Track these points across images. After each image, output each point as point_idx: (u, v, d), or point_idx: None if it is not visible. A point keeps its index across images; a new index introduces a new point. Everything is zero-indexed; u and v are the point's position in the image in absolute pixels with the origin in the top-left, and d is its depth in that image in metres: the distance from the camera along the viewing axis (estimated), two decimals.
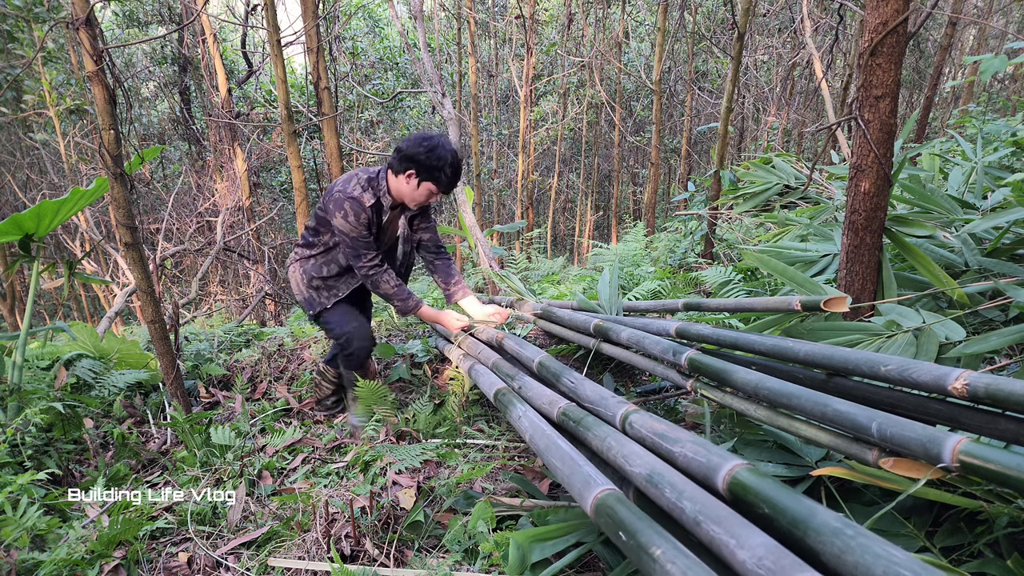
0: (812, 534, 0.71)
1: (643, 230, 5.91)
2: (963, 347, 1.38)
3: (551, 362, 1.64)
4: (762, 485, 0.83)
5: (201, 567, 1.46)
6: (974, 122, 4.52)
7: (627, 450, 1.06)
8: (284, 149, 6.44)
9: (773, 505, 0.78)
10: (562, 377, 1.53)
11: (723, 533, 0.75)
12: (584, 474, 1.00)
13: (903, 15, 1.56)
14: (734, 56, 3.88)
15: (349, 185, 2.08)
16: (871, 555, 0.64)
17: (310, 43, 3.31)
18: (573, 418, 1.30)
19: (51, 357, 2.73)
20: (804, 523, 0.73)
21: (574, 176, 14.17)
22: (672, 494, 0.88)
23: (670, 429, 1.07)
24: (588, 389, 1.40)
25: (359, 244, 2.10)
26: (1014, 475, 0.75)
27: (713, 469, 0.90)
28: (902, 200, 2.35)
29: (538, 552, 1.24)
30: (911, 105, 11.14)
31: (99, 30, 2.03)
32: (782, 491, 0.79)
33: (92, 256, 7.75)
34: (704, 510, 0.81)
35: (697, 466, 0.94)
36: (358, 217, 2.05)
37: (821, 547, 0.69)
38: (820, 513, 0.73)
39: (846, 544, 0.67)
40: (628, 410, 1.22)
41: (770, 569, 0.66)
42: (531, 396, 1.51)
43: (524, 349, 1.85)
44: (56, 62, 7.60)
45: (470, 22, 8.15)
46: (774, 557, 0.68)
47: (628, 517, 0.85)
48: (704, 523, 0.79)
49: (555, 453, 1.12)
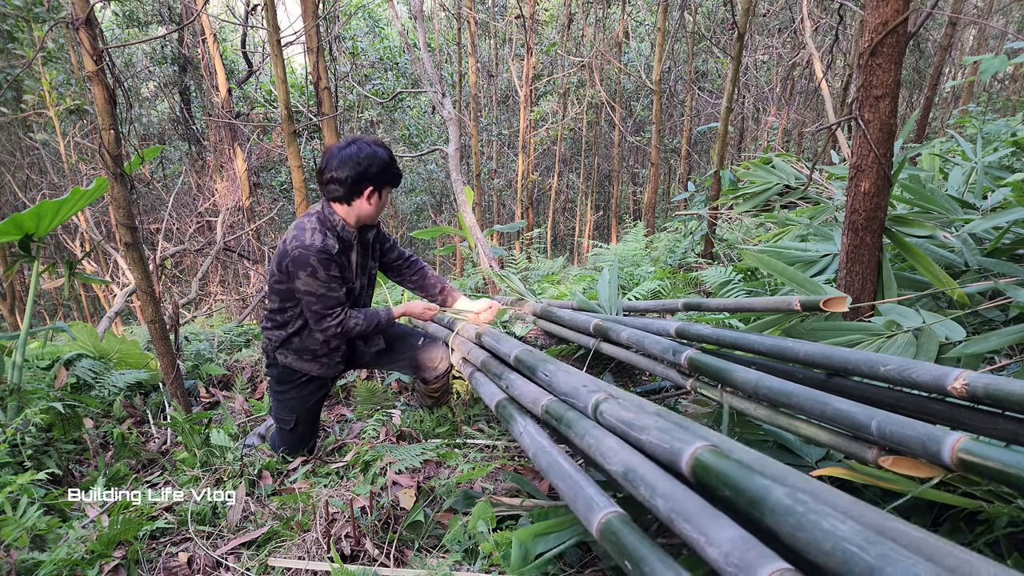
0: (769, 514, 0.72)
1: (643, 230, 5.91)
2: (963, 347, 1.38)
3: (526, 355, 1.60)
4: (721, 466, 0.83)
5: (201, 567, 1.46)
6: (974, 122, 4.52)
7: (604, 447, 1.05)
8: (284, 149, 6.44)
9: (732, 486, 0.79)
10: (537, 371, 1.50)
11: (693, 531, 0.75)
12: (587, 497, 0.98)
13: (903, 15, 1.56)
14: (734, 56, 3.88)
15: (305, 237, 1.82)
16: (820, 531, 0.65)
17: (310, 43, 3.31)
18: (555, 415, 1.28)
19: (51, 357, 2.73)
20: (761, 503, 0.74)
21: (574, 176, 14.17)
22: (646, 491, 0.88)
23: (636, 416, 1.06)
24: (561, 381, 1.37)
25: (328, 302, 1.86)
26: (1013, 472, 0.75)
27: (677, 455, 0.91)
28: (902, 200, 2.35)
29: (541, 545, 1.24)
30: (911, 105, 11.14)
31: (99, 30, 2.04)
32: (739, 471, 0.80)
33: (92, 256, 7.75)
34: (676, 507, 0.81)
35: (663, 452, 0.94)
36: (328, 269, 1.83)
37: (778, 527, 0.70)
38: (774, 492, 0.74)
39: (798, 521, 0.68)
40: (599, 399, 1.20)
41: (737, 565, 0.67)
42: (518, 395, 1.49)
43: (501, 344, 1.79)
44: (56, 62, 7.60)
45: (470, 22, 8.15)
46: (741, 551, 0.68)
47: (632, 544, 0.83)
48: (677, 521, 0.79)
49: (557, 473, 1.10)
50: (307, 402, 2.07)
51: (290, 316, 1.98)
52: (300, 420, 2.06)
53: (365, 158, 1.81)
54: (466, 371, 1.99)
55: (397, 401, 2.56)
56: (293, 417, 2.05)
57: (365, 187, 1.84)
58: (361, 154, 1.82)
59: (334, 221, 1.89)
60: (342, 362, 2.10)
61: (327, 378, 2.10)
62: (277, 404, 2.09)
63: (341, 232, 1.89)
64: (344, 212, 1.89)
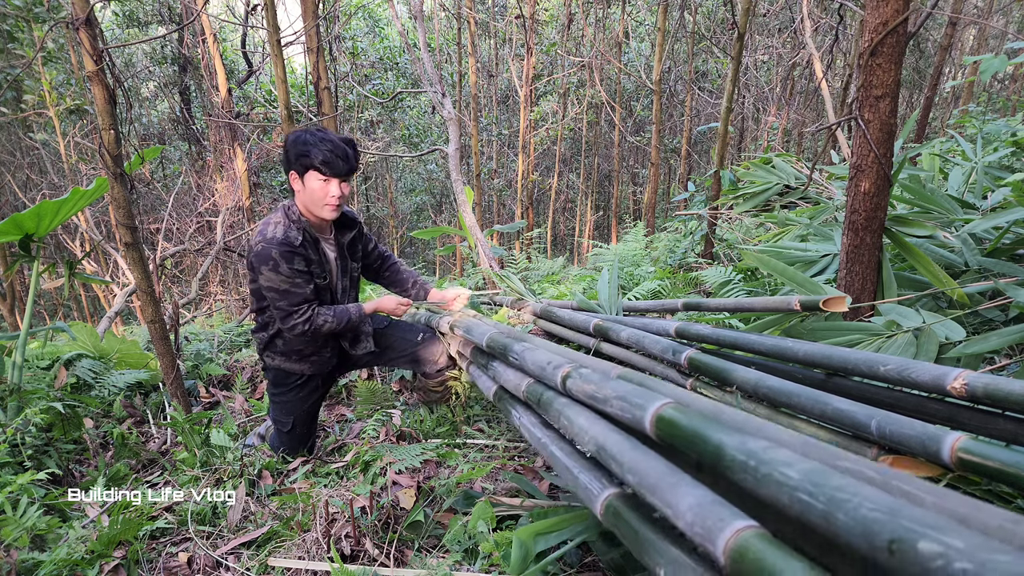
0: (730, 471, 0.71)
1: (643, 230, 5.91)
2: (963, 347, 1.38)
3: (497, 339, 1.56)
4: (680, 419, 0.82)
5: (201, 567, 1.46)
6: (974, 122, 4.52)
7: (576, 427, 1.03)
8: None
9: (695, 445, 0.77)
10: (508, 353, 1.45)
11: (661, 504, 0.74)
12: (583, 486, 0.99)
13: (903, 15, 1.56)
14: (734, 56, 3.88)
15: (267, 231, 1.78)
16: (774, 484, 0.64)
17: (310, 43, 3.31)
18: (534, 398, 1.27)
19: (51, 357, 2.73)
20: (720, 458, 0.73)
21: (574, 176, 14.17)
22: (618, 468, 0.87)
23: (597, 388, 1.04)
24: (529, 362, 1.33)
25: (292, 298, 1.80)
26: (1013, 472, 0.75)
27: (638, 422, 0.90)
28: (902, 200, 2.35)
29: (542, 544, 1.24)
30: (911, 105, 11.14)
31: (99, 30, 2.04)
32: (700, 422, 0.79)
33: (92, 256, 7.75)
34: (642, 480, 0.79)
35: (628, 420, 0.93)
36: (291, 263, 1.77)
37: (742, 483, 0.69)
38: (728, 446, 0.72)
39: (754, 478, 0.67)
40: (564, 375, 1.17)
41: (700, 533, 0.66)
42: (505, 383, 1.47)
43: (473, 333, 1.75)
44: (56, 62, 7.60)
45: (470, 22, 8.15)
46: (702, 518, 0.67)
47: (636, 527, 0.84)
48: (647, 495, 0.78)
49: (557, 465, 1.10)
50: (303, 404, 2.07)
51: (269, 317, 1.95)
52: (297, 422, 2.06)
53: (290, 142, 1.78)
54: (464, 364, 1.98)
55: (397, 401, 2.56)
56: (290, 419, 2.05)
57: (290, 170, 1.81)
58: (288, 140, 1.80)
59: (296, 213, 1.85)
60: (333, 357, 2.08)
61: (322, 376, 2.09)
62: (274, 407, 2.09)
63: (306, 227, 1.85)
64: (299, 204, 1.86)
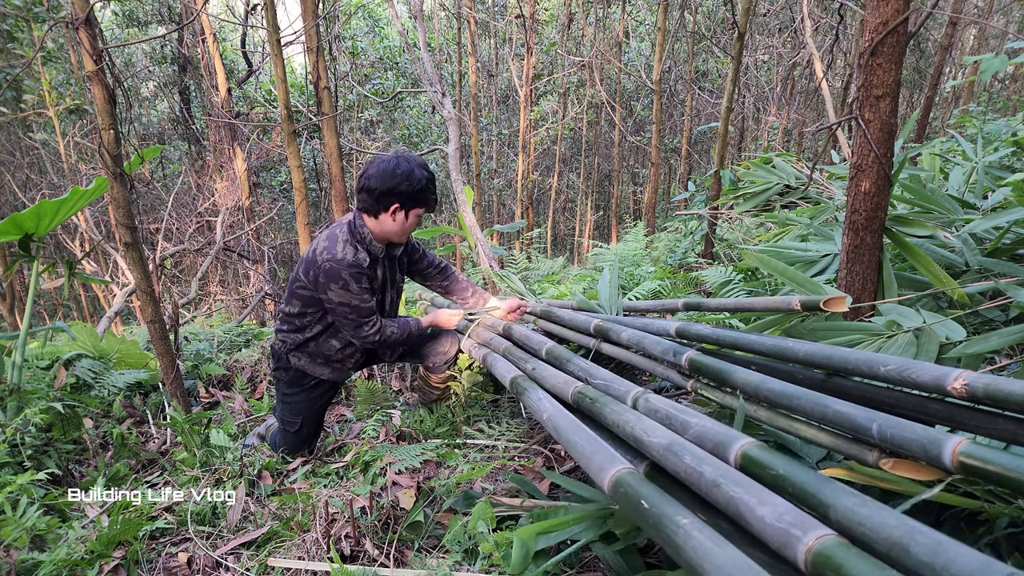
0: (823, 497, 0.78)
1: (643, 230, 5.91)
2: (963, 347, 1.38)
3: (559, 349, 1.71)
4: (773, 459, 0.89)
5: (201, 567, 1.46)
6: (974, 122, 4.52)
7: (646, 424, 1.12)
8: (284, 149, 6.44)
9: (784, 473, 0.86)
10: (572, 361, 1.61)
11: (743, 493, 0.82)
12: (608, 452, 1.05)
13: (903, 15, 1.55)
14: (734, 56, 3.87)
15: (336, 249, 1.81)
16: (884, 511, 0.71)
17: (310, 43, 3.31)
18: (589, 396, 1.35)
19: (51, 357, 2.73)
20: (814, 487, 0.81)
21: (574, 176, 14.16)
22: (692, 460, 0.94)
23: (682, 409, 1.16)
24: (600, 371, 1.48)
25: (362, 312, 1.87)
26: (1014, 476, 0.75)
27: (726, 443, 0.97)
28: (902, 200, 2.35)
29: (542, 544, 1.24)
30: (911, 105, 11.14)
31: (99, 30, 2.03)
32: (791, 462, 0.87)
33: (92, 256, 7.75)
34: (724, 474, 0.87)
35: (711, 436, 1.01)
36: (359, 282, 1.82)
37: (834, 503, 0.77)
38: (829, 483, 0.80)
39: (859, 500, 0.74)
40: (639, 392, 1.30)
41: (790, 523, 0.73)
42: (545, 378, 1.55)
43: (532, 336, 1.89)
44: (56, 62, 7.59)
45: (470, 22, 8.15)
46: (794, 513, 0.74)
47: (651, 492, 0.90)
48: (724, 485, 0.85)
49: (579, 433, 1.16)
50: (315, 405, 2.08)
51: (309, 320, 1.98)
52: (305, 423, 2.07)
53: (400, 174, 1.79)
54: (479, 353, 2.01)
55: (397, 401, 2.56)
56: (299, 420, 2.06)
57: (392, 203, 1.81)
58: (397, 170, 1.79)
59: (363, 233, 1.87)
60: (354, 368, 2.12)
61: (337, 383, 2.11)
62: (284, 407, 2.09)
63: (369, 246, 1.88)
64: (372, 225, 1.87)
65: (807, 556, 0.67)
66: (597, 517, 1.27)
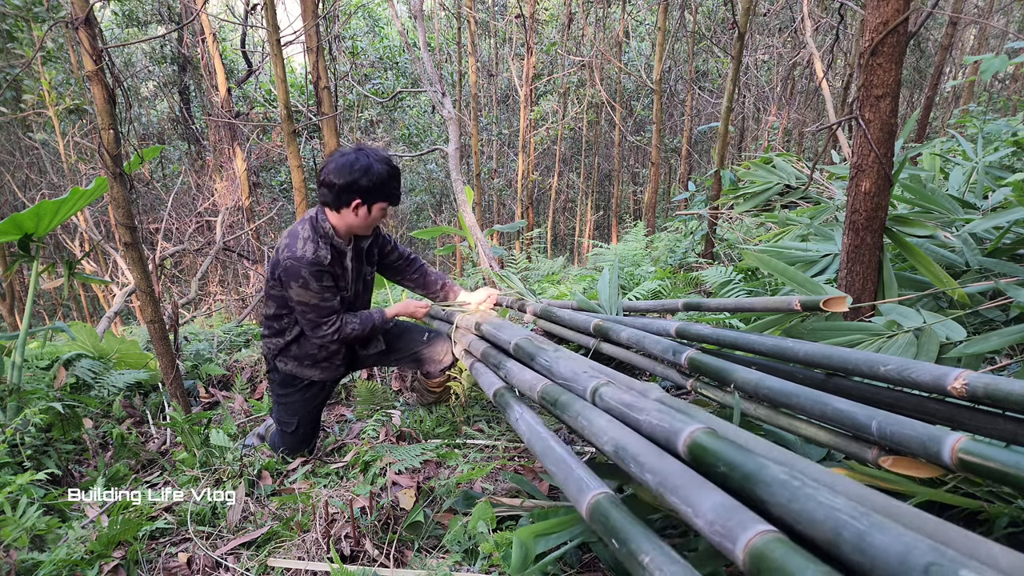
0: (763, 487, 0.77)
1: (643, 230, 5.91)
2: (964, 347, 1.38)
3: (526, 344, 1.62)
4: (718, 446, 0.87)
5: (201, 567, 1.46)
6: (975, 122, 4.52)
7: (596, 426, 1.08)
8: (284, 149, 6.44)
9: (728, 463, 0.83)
10: (536, 357, 1.53)
11: (680, 502, 0.79)
12: (577, 478, 1.01)
13: (904, 15, 1.55)
14: (734, 56, 3.87)
15: (297, 247, 1.79)
16: (814, 502, 0.69)
17: (310, 43, 3.30)
18: (550, 399, 1.31)
19: (50, 357, 2.73)
20: (755, 477, 0.78)
21: (574, 176, 14.16)
22: (636, 467, 0.92)
23: (637, 399, 1.10)
24: (562, 367, 1.40)
25: (321, 311, 1.84)
26: (1013, 473, 0.75)
27: (675, 434, 0.95)
28: (903, 200, 2.35)
29: (542, 544, 1.24)
30: (912, 105, 11.13)
31: (98, 29, 2.03)
32: (736, 450, 0.85)
33: (92, 256, 7.75)
34: (664, 480, 0.85)
35: (661, 431, 0.98)
36: (321, 280, 1.80)
37: (772, 498, 0.75)
38: (770, 468, 0.78)
39: (792, 494, 0.72)
40: (598, 384, 1.24)
41: (720, 532, 0.71)
42: (516, 383, 1.52)
43: (500, 332, 1.79)
44: (56, 62, 7.59)
45: (470, 22, 8.15)
46: (724, 518, 0.72)
47: (620, 522, 0.87)
48: (665, 493, 0.83)
49: (550, 457, 1.12)
50: (309, 405, 2.07)
51: (287, 323, 1.97)
52: (301, 423, 2.07)
53: (359, 169, 1.76)
54: (467, 362, 2.00)
55: (397, 401, 2.56)
56: (295, 420, 2.05)
57: (353, 198, 1.78)
58: (356, 164, 1.76)
59: (325, 228, 1.84)
60: (343, 365, 2.10)
61: (328, 382, 2.10)
62: (279, 407, 2.08)
63: (332, 240, 1.85)
64: (335, 220, 1.85)
65: (745, 564, 0.67)
66: None
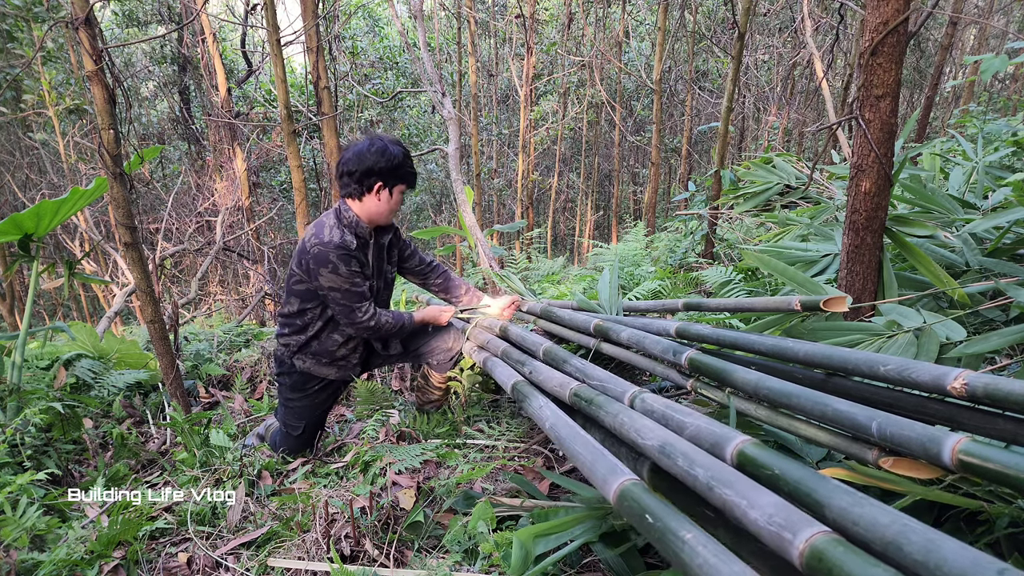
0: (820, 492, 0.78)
1: (643, 230, 5.90)
2: (964, 347, 1.38)
3: (556, 349, 1.69)
4: (769, 457, 0.88)
5: (201, 567, 1.46)
6: (975, 122, 4.52)
7: (639, 424, 1.10)
8: (284, 149, 6.44)
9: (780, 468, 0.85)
10: (569, 361, 1.59)
11: (735, 495, 0.80)
12: (610, 462, 1.04)
13: (904, 15, 1.55)
14: (734, 56, 3.87)
15: (324, 234, 1.85)
16: (878, 508, 0.69)
17: (310, 43, 3.30)
18: (585, 397, 1.33)
19: (50, 357, 2.73)
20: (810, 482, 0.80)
21: (574, 176, 14.16)
22: (684, 462, 0.93)
23: (679, 408, 1.14)
24: (596, 370, 1.46)
25: (353, 297, 1.88)
26: (1013, 474, 0.75)
27: (723, 441, 0.96)
28: (903, 200, 2.35)
29: (542, 546, 1.24)
30: (912, 105, 11.13)
31: (98, 29, 2.03)
32: (787, 460, 0.86)
33: (92, 256, 7.75)
34: (716, 475, 0.86)
35: (707, 436, 1.00)
36: (349, 265, 1.85)
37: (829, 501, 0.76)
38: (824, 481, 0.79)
39: (854, 499, 0.73)
40: (636, 390, 1.28)
41: (780, 524, 0.71)
42: (542, 380, 1.54)
43: (528, 336, 1.87)
44: (56, 62, 7.59)
45: (470, 22, 8.15)
46: (784, 514, 0.72)
47: (654, 504, 0.89)
48: (716, 487, 0.84)
49: (578, 441, 1.15)
50: (318, 409, 2.10)
51: (310, 318, 1.99)
52: (308, 426, 2.09)
53: (376, 151, 1.84)
54: (479, 357, 2.01)
55: (397, 401, 2.56)
56: (302, 424, 2.07)
57: (374, 182, 1.85)
58: (372, 147, 1.84)
59: (350, 217, 1.91)
60: (359, 364, 2.12)
61: (340, 383, 2.11)
62: (287, 411, 2.09)
63: (356, 229, 1.91)
64: (357, 208, 1.91)
65: (802, 558, 0.67)
66: (597, 516, 1.27)
